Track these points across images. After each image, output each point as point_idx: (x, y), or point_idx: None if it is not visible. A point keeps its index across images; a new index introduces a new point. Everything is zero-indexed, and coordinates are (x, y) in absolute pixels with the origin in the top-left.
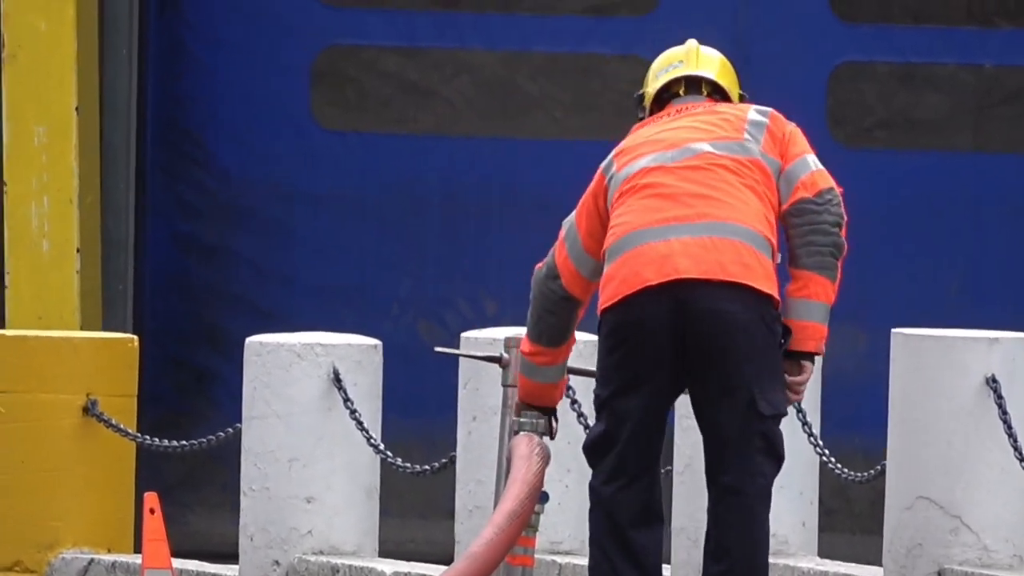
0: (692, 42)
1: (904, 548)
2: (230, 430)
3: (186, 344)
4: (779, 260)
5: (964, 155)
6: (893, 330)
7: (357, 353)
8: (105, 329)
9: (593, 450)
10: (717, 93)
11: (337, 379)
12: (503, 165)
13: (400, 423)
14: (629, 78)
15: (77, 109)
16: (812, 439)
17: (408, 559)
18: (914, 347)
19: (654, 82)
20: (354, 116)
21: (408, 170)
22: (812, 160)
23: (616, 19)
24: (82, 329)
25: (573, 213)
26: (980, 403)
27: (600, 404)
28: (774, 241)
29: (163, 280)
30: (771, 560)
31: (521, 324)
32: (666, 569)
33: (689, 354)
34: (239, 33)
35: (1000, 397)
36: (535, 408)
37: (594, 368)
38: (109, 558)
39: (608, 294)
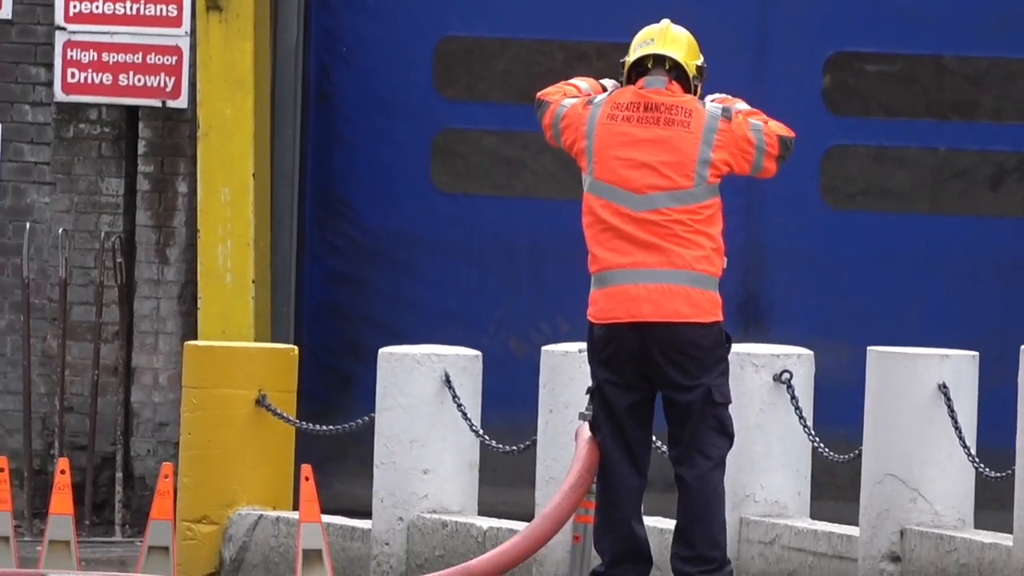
0: (665, 22)
1: (875, 512)
2: (366, 418)
3: (334, 354)
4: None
5: (923, 217)
6: (868, 348)
7: (463, 361)
8: (273, 341)
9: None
10: (676, 69)
11: (447, 381)
12: (575, 221)
13: (495, 414)
14: None
15: (254, 175)
16: (807, 430)
17: (500, 517)
18: (884, 360)
19: (632, 54)
20: (463, 182)
21: (504, 224)
22: (760, 141)
23: None
24: (255, 341)
25: (561, 108)
26: (934, 403)
27: (591, 391)
28: (717, 269)
29: (317, 305)
30: (773, 520)
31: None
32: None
33: (657, 366)
34: (377, 119)
35: (949, 399)
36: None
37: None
38: (274, 514)
39: (594, 312)
